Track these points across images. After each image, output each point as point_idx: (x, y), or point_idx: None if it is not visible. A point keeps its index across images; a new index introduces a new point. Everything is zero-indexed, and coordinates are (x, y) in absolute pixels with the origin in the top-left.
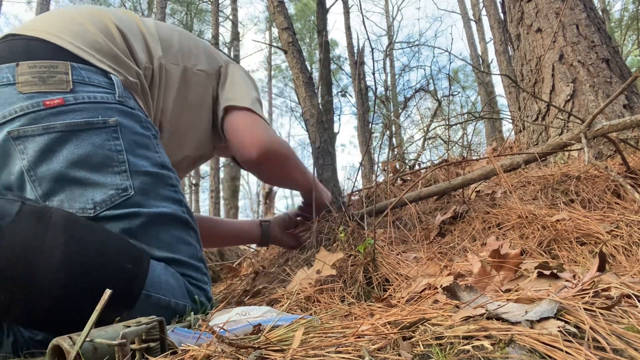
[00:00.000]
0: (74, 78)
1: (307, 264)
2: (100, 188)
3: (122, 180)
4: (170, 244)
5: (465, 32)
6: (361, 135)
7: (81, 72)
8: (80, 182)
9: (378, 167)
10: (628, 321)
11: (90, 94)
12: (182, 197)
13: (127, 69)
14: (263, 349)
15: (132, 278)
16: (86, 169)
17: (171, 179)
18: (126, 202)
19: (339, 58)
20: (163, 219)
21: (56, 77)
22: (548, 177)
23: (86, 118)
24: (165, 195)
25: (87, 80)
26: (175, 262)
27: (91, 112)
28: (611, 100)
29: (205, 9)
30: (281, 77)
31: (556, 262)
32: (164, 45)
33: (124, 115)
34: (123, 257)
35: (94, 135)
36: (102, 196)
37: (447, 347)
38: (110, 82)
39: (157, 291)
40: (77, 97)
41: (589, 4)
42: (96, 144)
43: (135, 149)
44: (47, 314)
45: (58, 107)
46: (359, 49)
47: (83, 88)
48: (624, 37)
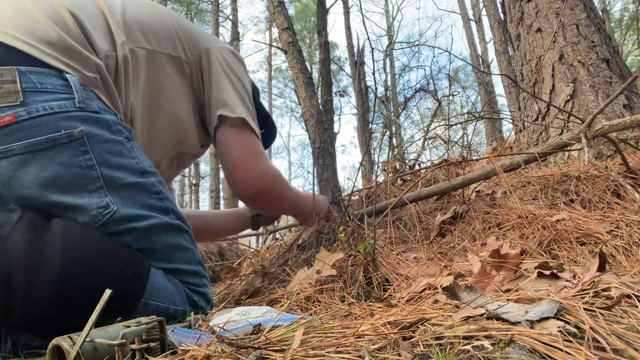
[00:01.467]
0: (24, 87)
1: (307, 264)
2: (80, 210)
3: (101, 197)
4: (165, 253)
5: (465, 32)
6: (361, 135)
7: (31, 77)
8: (55, 206)
9: (378, 167)
10: (628, 321)
11: (45, 104)
12: (168, 203)
13: (84, 62)
14: (263, 349)
15: (131, 285)
16: (58, 191)
17: (153, 185)
18: (112, 220)
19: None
20: (154, 230)
21: (2, 89)
22: (548, 177)
23: (46, 134)
24: (150, 204)
25: (39, 87)
26: (173, 272)
27: (50, 126)
28: (611, 100)
29: (205, 9)
30: (281, 77)
31: (556, 262)
32: (131, 24)
33: (89, 122)
34: (123, 264)
35: (58, 152)
36: (84, 218)
37: (447, 347)
38: (66, 83)
39: (156, 298)
40: (30, 111)
41: (589, 4)
42: (63, 162)
43: (109, 159)
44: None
45: (10, 125)
46: (359, 49)
47: (36, 97)
48: (624, 37)
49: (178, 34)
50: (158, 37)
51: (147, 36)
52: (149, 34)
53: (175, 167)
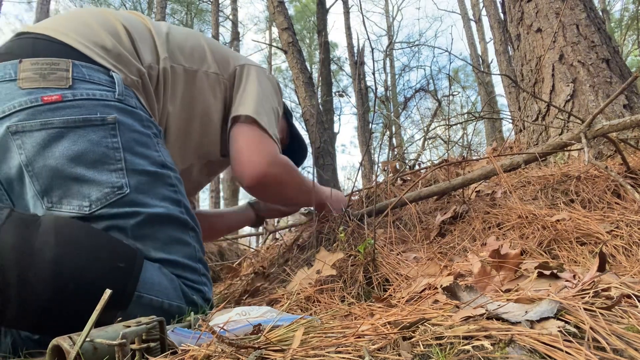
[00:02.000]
0: (74, 75)
1: (307, 264)
2: (95, 185)
3: (118, 178)
4: (166, 244)
5: (465, 32)
6: (361, 135)
7: (82, 69)
8: (76, 178)
9: (378, 167)
10: (628, 321)
11: (89, 90)
12: (182, 197)
13: (129, 66)
14: (263, 349)
15: (125, 277)
16: (82, 165)
17: (170, 178)
18: (122, 201)
19: (339, 59)
20: (159, 218)
21: (56, 74)
22: (548, 177)
23: (84, 115)
24: (163, 194)
25: (87, 78)
26: (170, 263)
27: (89, 109)
28: (611, 100)
29: (206, 9)
30: (281, 77)
31: (556, 262)
32: (173, 46)
33: (124, 113)
34: (115, 256)
35: (91, 132)
36: (97, 194)
37: (447, 347)
38: (111, 80)
39: (149, 292)
40: (75, 94)
41: (589, 4)
42: (93, 140)
43: (134, 147)
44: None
45: (56, 103)
46: (359, 49)
47: (82, 85)
48: (624, 37)
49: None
50: (194, 56)
51: (186, 56)
52: (187, 55)
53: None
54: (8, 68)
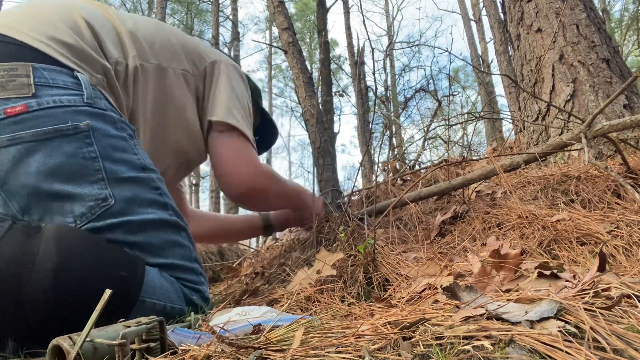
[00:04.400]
0: (36, 81)
1: (307, 264)
2: (78, 200)
3: (101, 190)
4: (161, 249)
5: (466, 32)
6: (361, 135)
7: (44, 73)
8: (56, 195)
9: (378, 167)
10: (628, 321)
11: (56, 97)
12: (167, 199)
13: (93, 64)
14: (263, 349)
15: (127, 286)
16: (60, 180)
17: (153, 181)
18: (108, 212)
19: (339, 58)
20: (151, 225)
21: (16, 81)
22: (548, 177)
23: (54, 125)
24: (149, 199)
25: (50, 82)
26: (169, 267)
27: (58, 117)
28: (611, 100)
29: (206, 9)
30: (281, 77)
31: (556, 262)
32: (142, 43)
33: (95, 117)
34: (117, 265)
35: (64, 143)
36: (81, 209)
37: (447, 347)
38: (76, 81)
39: (152, 296)
40: (41, 102)
41: (589, 4)
42: (68, 152)
43: (112, 153)
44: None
45: (21, 114)
46: (359, 49)
47: (47, 91)
48: (624, 37)
49: (184, 51)
50: (165, 53)
51: (155, 52)
52: (156, 50)
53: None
54: None
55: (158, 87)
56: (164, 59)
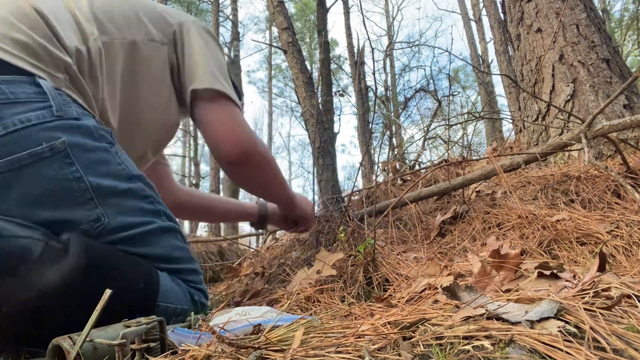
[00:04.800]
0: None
1: (307, 264)
2: (70, 225)
3: (92, 210)
4: (165, 256)
5: (466, 32)
6: (361, 135)
7: (2, 87)
8: (46, 223)
9: (378, 167)
10: (628, 321)
11: (22, 115)
12: (159, 205)
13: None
14: (263, 349)
15: (144, 297)
16: (48, 208)
17: (143, 190)
18: (105, 231)
19: (339, 58)
20: (149, 235)
21: None
22: (548, 177)
23: (27, 149)
24: (142, 209)
25: (12, 98)
26: (175, 272)
27: (30, 139)
28: (611, 100)
29: (206, 9)
30: (281, 77)
31: (556, 262)
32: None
33: (70, 131)
34: (136, 277)
35: (43, 167)
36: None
37: (447, 347)
38: (39, 90)
39: (165, 300)
40: (7, 125)
41: (589, 4)
42: (49, 177)
43: (95, 168)
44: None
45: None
46: (359, 49)
47: (10, 110)
48: (624, 37)
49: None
50: (130, 24)
51: (118, 25)
52: (119, 23)
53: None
54: None
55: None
56: (127, 31)
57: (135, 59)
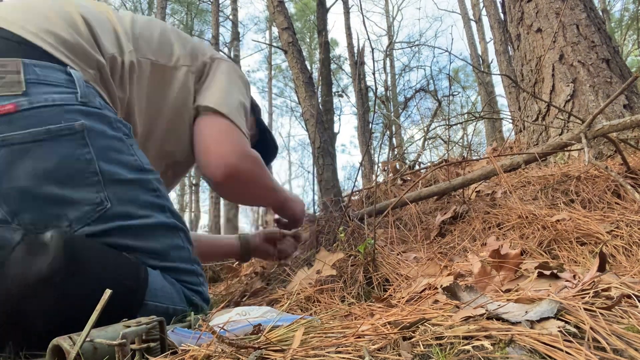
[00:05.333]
0: (27, 78)
1: (307, 264)
2: (73, 204)
3: (97, 193)
4: (161, 252)
5: (466, 32)
6: (361, 135)
7: (35, 69)
8: (49, 198)
9: (378, 167)
10: (628, 321)
11: (48, 95)
12: (165, 201)
13: (87, 59)
14: (263, 349)
15: (131, 293)
16: (54, 183)
17: (151, 182)
18: (105, 216)
19: (339, 58)
20: (149, 229)
21: (5, 78)
22: (548, 177)
23: (47, 125)
24: (146, 202)
25: (42, 80)
26: (169, 270)
27: (52, 117)
28: (611, 100)
29: (206, 9)
30: (281, 77)
31: (556, 262)
32: (140, 40)
33: (90, 117)
34: (121, 274)
35: (58, 144)
36: (76, 213)
37: (447, 347)
38: (69, 78)
39: (154, 299)
40: (32, 101)
41: (589, 4)
42: (62, 154)
43: (108, 154)
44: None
45: (10, 114)
46: (359, 49)
47: (39, 89)
48: (624, 37)
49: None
50: (163, 49)
51: (152, 48)
52: (154, 47)
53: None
54: None
55: (154, 83)
56: (160, 55)
57: (162, 80)
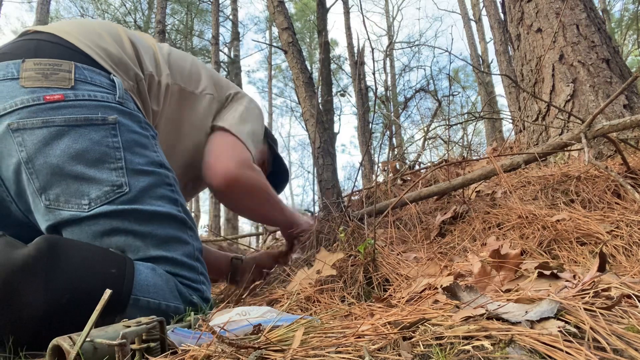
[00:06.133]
0: (77, 76)
1: (307, 264)
2: (95, 184)
3: (118, 177)
4: (165, 242)
5: (466, 32)
6: (361, 135)
7: (84, 71)
8: (76, 176)
9: (378, 167)
10: (628, 321)
11: (91, 92)
12: (179, 197)
13: (127, 71)
14: (263, 349)
15: (118, 282)
16: (83, 164)
17: (168, 177)
18: (121, 199)
19: (339, 58)
20: (159, 217)
21: (59, 74)
22: (548, 177)
23: (85, 114)
24: (161, 194)
25: (89, 80)
26: (168, 261)
27: (90, 109)
28: (611, 100)
29: (206, 9)
30: (281, 77)
31: (556, 262)
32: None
33: (123, 114)
34: (106, 264)
35: (92, 131)
36: (97, 192)
37: (447, 347)
38: (112, 83)
39: (145, 294)
40: (77, 94)
41: (589, 4)
42: (94, 140)
43: (133, 147)
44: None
45: (58, 102)
46: (359, 49)
47: (84, 86)
48: (624, 37)
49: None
50: (192, 78)
51: (184, 78)
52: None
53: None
54: (10, 67)
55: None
56: (189, 83)
57: (185, 105)
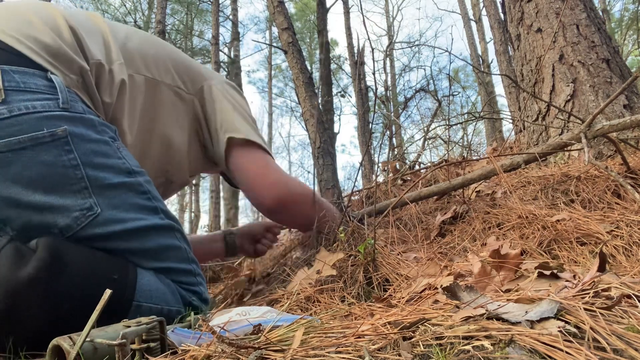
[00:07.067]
0: (6, 85)
1: (307, 264)
2: (61, 212)
3: (85, 199)
4: (156, 253)
5: (466, 32)
6: (361, 135)
7: (14, 76)
8: (36, 207)
9: (378, 167)
10: (628, 321)
11: (28, 102)
12: (157, 202)
13: (69, 64)
14: (263, 349)
15: (120, 287)
16: (40, 192)
17: (141, 185)
18: (95, 222)
19: (339, 58)
20: (143, 231)
21: None
22: (548, 177)
23: (28, 133)
24: (138, 205)
25: (22, 86)
26: (165, 271)
27: (32, 125)
28: (611, 100)
29: (206, 9)
30: (281, 77)
31: (556, 262)
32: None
33: (73, 121)
34: (108, 269)
35: (42, 152)
36: (65, 220)
37: (447, 347)
38: (50, 84)
39: (148, 300)
40: (11, 109)
41: (589, 4)
42: (47, 162)
43: (94, 159)
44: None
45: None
46: (359, 49)
47: (18, 96)
48: (624, 37)
49: (178, 67)
50: (159, 67)
51: (148, 65)
52: (149, 63)
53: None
54: None
55: (147, 100)
56: (157, 73)
57: (155, 97)
